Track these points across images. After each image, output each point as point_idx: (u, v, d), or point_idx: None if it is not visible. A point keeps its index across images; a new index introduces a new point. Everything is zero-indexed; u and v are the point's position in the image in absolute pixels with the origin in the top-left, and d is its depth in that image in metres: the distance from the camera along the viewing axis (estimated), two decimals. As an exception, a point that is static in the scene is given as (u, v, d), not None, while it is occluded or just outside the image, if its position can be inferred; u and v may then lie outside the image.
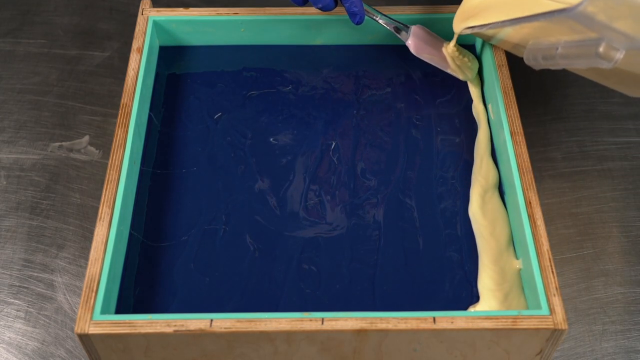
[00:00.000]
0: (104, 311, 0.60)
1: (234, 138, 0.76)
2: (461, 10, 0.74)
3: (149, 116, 0.77)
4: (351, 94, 0.80)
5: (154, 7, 0.83)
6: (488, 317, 0.59)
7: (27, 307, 0.75)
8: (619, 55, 0.50)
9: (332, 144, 0.76)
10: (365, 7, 0.75)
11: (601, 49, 0.50)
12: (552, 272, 0.62)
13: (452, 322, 0.58)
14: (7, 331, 0.73)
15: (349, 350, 0.61)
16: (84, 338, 0.59)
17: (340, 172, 0.74)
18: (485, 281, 0.65)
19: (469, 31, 0.72)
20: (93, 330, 0.58)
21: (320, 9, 0.74)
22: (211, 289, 0.66)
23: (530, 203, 0.66)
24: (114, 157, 0.69)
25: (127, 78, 0.75)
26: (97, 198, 0.81)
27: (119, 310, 0.64)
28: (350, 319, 0.59)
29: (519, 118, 0.72)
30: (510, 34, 0.68)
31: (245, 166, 0.74)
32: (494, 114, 0.75)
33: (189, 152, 0.75)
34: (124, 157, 0.69)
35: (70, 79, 0.94)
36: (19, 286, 0.76)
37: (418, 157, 0.75)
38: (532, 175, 0.67)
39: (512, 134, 0.71)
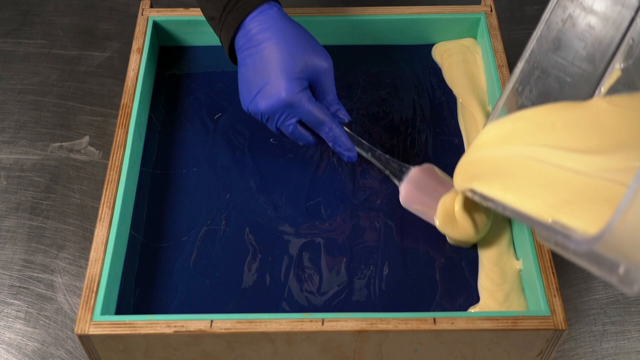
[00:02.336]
0: (104, 312, 0.60)
1: (234, 138, 0.76)
2: (464, 163, 0.63)
3: (149, 116, 0.77)
4: (351, 94, 0.80)
5: (154, 7, 0.83)
6: (488, 318, 0.59)
7: (27, 307, 0.75)
8: (637, 285, 0.42)
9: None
10: (356, 146, 0.69)
11: (621, 271, 0.42)
12: (553, 272, 0.62)
13: (452, 323, 0.58)
14: (7, 332, 0.73)
15: (349, 351, 0.61)
16: (84, 339, 0.59)
17: (340, 172, 0.73)
18: (485, 282, 0.65)
19: (471, 194, 0.60)
20: (93, 331, 0.58)
21: (303, 145, 0.70)
22: (211, 289, 0.65)
23: (530, 203, 0.66)
24: (114, 158, 0.69)
25: (127, 78, 0.75)
26: (97, 198, 0.81)
27: (119, 311, 0.64)
28: (350, 319, 0.59)
29: (519, 118, 0.72)
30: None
31: (245, 166, 0.74)
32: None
33: (189, 152, 0.75)
34: (124, 158, 0.69)
35: (71, 79, 0.94)
36: (19, 287, 0.76)
37: (418, 157, 0.75)
38: (532, 176, 0.67)
39: (512, 134, 0.71)
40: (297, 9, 0.82)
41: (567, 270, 0.77)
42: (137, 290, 0.65)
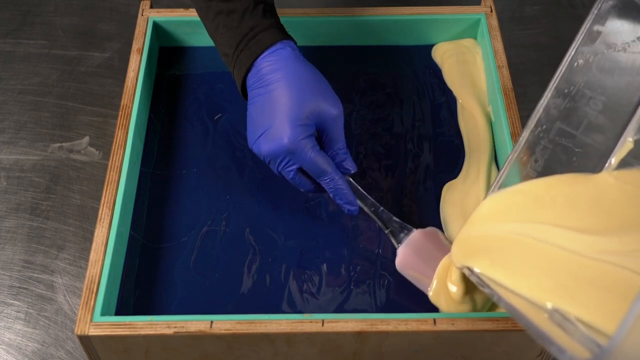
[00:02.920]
0: (104, 312, 0.60)
1: (234, 138, 0.76)
2: (461, 237, 0.59)
3: (149, 117, 0.77)
4: (351, 94, 0.80)
5: (154, 7, 0.83)
6: (488, 319, 0.59)
7: (27, 308, 0.75)
8: None
9: (332, 144, 0.76)
10: (359, 201, 0.67)
11: None
12: (553, 273, 0.62)
13: (452, 324, 0.58)
14: (7, 332, 0.73)
15: (349, 351, 0.61)
16: (84, 339, 0.59)
17: (341, 173, 0.73)
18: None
19: (468, 272, 0.56)
20: (93, 331, 0.58)
21: (304, 191, 0.68)
22: (211, 290, 0.65)
23: (530, 204, 0.66)
24: (114, 158, 0.69)
25: (127, 79, 0.75)
26: (97, 199, 0.81)
27: (119, 312, 0.64)
28: (350, 320, 0.59)
29: (519, 119, 0.72)
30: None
31: (245, 166, 0.74)
32: (494, 115, 0.75)
33: (189, 152, 0.75)
34: (124, 158, 0.69)
35: (71, 80, 0.94)
36: (19, 287, 0.76)
37: (418, 157, 0.75)
38: (532, 177, 0.67)
39: (512, 135, 0.71)
40: (297, 9, 0.82)
41: (567, 271, 0.77)
42: (137, 291, 0.65)
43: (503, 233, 0.54)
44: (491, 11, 0.82)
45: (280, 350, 0.60)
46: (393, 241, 0.66)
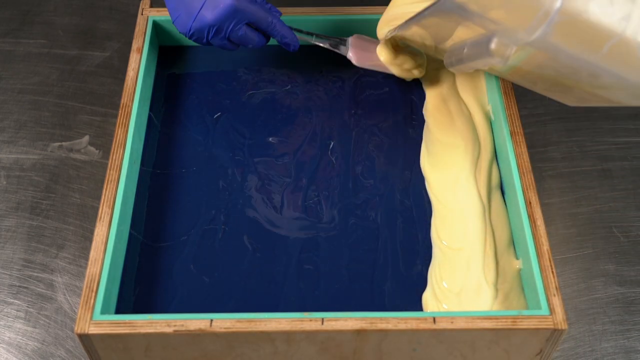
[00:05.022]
0: (104, 311, 0.60)
1: (234, 137, 0.76)
2: (383, 18, 0.76)
3: (149, 116, 0.77)
4: (350, 94, 0.80)
5: (153, 7, 0.83)
6: (488, 317, 0.59)
7: (27, 307, 0.75)
8: (509, 52, 0.51)
9: (330, 143, 0.76)
10: (297, 33, 0.75)
11: (493, 45, 0.52)
12: (552, 272, 0.62)
13: (452, 322, 0.58)
14: (7, 331, 0.73)
15: (348, 350, 0.61)
16: (84, 338, 0.59)
17: (339, 172, 0.74)
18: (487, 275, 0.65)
19: (389, 35, 0.73)
20: (93, 330, 0.58)
21: (252, 47, 0.73)
22: (211, 289, 0.65)
23: (530, 203, 0.66)
24: (114, 157, 0.69)
25: (127, 78, 0.75)
26: (97, 198, 0.81)
27: (119, 310, 0.64)
28: (350, 319, 0.59)
29: (519, 118, 0.72)
30: (427, 37, 0.68)
31: (245, 166, 0.74)
32: (494, 114, 0.75)
33: (189, 152, 0.75)
34: (124, 157, 0.69)
35: (70, 79, 0.94)
36: (19, 286, 0.76)
37: (416, 157, 0.75)
38: (532, 176, 0.67)
39: (512, 134, 0.71)
40: (295, 8, 0.82)
41: (566, 270, 0.77)
42: (137, 290, 0.65)
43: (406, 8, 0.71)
44: (491, 10, 0.82)
45: (280, 349, 0.60)
46: (341, 51, 0.78)
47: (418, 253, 0.68)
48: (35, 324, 0.74)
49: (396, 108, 0.79)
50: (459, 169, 0.71)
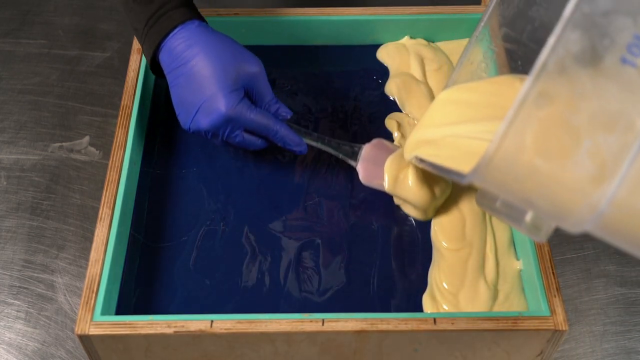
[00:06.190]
0: (104, 312, 0.60)
1: (234, 138, 0.76)
2: (411, 138, 0.66)
3: (149, 117, 0.77)
4: (350, 94, 0.80)
5: (154, 7, 0.83)
6: (488, 318, 0.59)
7: (28, 307, 0.75)
8: (548, 229, 0.46)
9: (332, 144, 0.76)
10: (305, 138, 0.70)
11: (527, 218, 0.47)
12: (553, 272, 0.62)
13: (452, 323, 0.58)
14: (8, 332, 0.73)
15: (349, 351, 0.61)
16: (85, 339, 0.59)
17: (339, 172, 0.73)
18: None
19: (416, 162, 0.62)
20: (93, 331, 0.58)
21: (253, 150, 0.70)
22: (211, 289, 0.65)
23: (530, 204, 0.66)
24: (114, 158, 0.69)
25: (127, 79, 0.75)
26: (98, 199, 0.81)
27: (119, 311, 0.64)
28: (350, 319, 0.59)
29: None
30: None
31: (244, 166, 0.74)
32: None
33: (189, 152, 0.75)
34: (125, 158, 0.69)
35: (71, 80, 0.94)
36: (19, 287, 0.76)
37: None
38: (532, 176, 0.67)
39: (512, 134, 0.70)
40: (296, 9, 0.82)
41: (567, 270, 0.77)
42: (137, 291, 0.65)
43: (440, 134, 0.61)
44: (491, 11, 0.82)
45: (280, 350, 0.60)
46: (350, 162, 0.70)
47: (418, 254, 0.68)
48: (35, 324, 0.74)
49: (397, 108, 0.79)
50: None
